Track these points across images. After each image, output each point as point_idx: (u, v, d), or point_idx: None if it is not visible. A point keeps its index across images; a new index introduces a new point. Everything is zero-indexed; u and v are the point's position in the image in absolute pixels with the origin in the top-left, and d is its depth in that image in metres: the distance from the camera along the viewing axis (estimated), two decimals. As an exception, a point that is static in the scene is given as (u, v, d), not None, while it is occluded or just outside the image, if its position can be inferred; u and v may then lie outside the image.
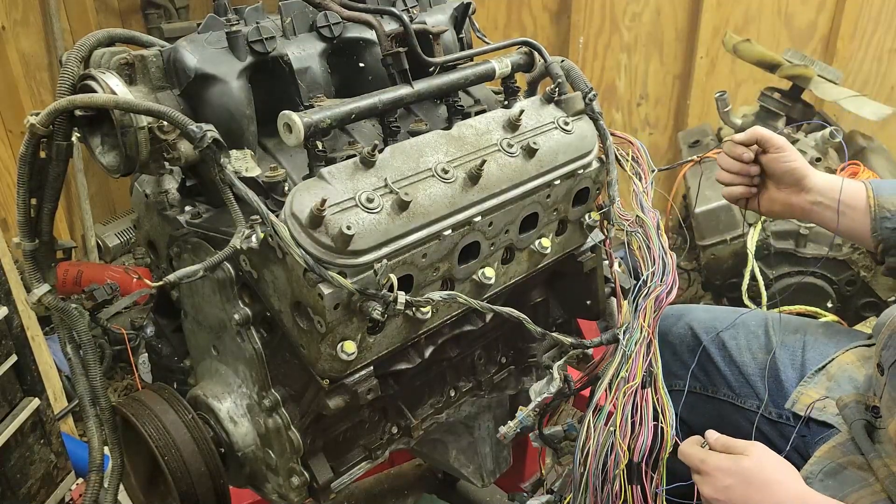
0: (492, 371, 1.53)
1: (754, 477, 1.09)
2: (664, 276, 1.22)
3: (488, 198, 1.15)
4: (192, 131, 1.00)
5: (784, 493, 1.08)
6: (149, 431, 1.10)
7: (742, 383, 1.45)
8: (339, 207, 1.01)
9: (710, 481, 1.13)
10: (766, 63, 2.69)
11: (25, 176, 1.08)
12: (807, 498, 1.07)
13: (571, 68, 1.34)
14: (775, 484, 1.09)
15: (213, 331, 1.20)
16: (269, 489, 1.26)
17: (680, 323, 1.55)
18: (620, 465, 1.10)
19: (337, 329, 1.04)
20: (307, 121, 1.02)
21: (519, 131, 1.22)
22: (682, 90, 3.47)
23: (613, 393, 1.14)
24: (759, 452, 1.12)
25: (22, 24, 3.11)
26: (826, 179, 1.41)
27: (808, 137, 2.68)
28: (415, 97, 1.15)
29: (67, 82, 1.05)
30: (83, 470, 1.92)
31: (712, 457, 1.14)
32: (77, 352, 1.19)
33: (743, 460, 1.11)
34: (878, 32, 3.27)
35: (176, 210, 1.22)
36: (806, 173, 1.41)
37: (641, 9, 3.31)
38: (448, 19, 1.33)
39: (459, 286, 1.19)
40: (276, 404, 1.17)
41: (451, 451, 1.62)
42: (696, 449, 1.16)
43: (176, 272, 1.02)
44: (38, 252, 1.14)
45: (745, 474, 1.10)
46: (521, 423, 1.30)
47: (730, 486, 1.10)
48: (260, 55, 1.12)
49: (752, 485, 1.09)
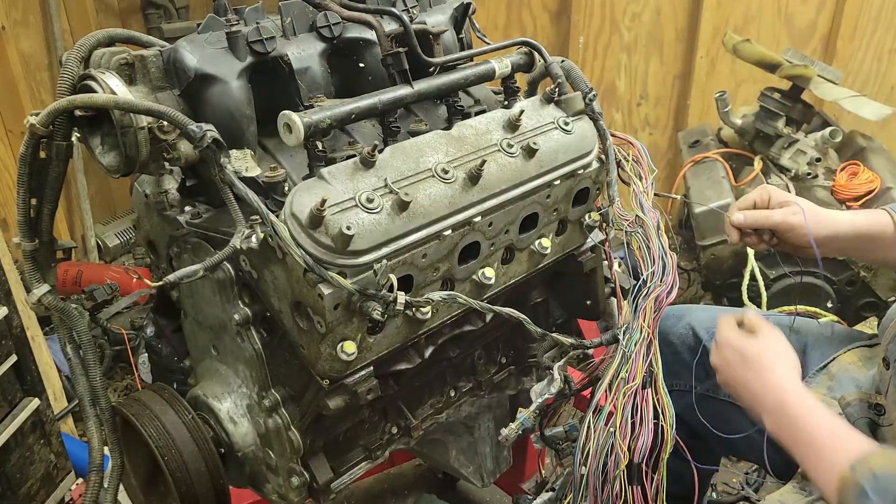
0: (492, 371, 1.53)
1: (752, 358, 1.18)
2: (664, 277, 1.22)
3: (488, 198, 1.15)
4: (192, 131, 1.00)
5: (769, 379, 1.15)
6: (149, 431, 1.10)
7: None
8: (339, 207, 1.01)
9: (717, 352, 1.24)
10: (766, 63, 2.68)
11: (25, 176, 1.08)
12: (785, 392, 1.14)
13: (571, 68, 1.33)
14: (767, 370, 1.16)
15: (213, 331, 1.20)
16: (269, 489, 1.26)
17: (681, 323, 1.55)
18: (620, 466, 1.10)
19: (337, 329, 1.04)
20: (307, 121, 1.02)
21: (519, 131, 1.22)
22: (682, 90, 3.46)
23: (613, 393, 1.14)
24: (770, 339, 1.21)
25: (22, 24, 3.11)
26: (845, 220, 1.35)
27: (808, 137, 2.68)
28: (415, 97, 1.15)
29: (67, 82, 1.05)
30: (83, 470, 1.92)
31: (727, 330, 1.24)
32: (77, 352, 1.19)
33: (750, 341, 1.20)
34: (878, 32, 3.27)
35: (176, 210, 1.22)
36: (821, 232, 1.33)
37: (641, 9, 3.31)
38: (448, 19, 1.33)
39: (459, 286, 1.19)
40: (276, 404, 1.17)
41: (451, 451, 1.62)
42: (723, 321, 1.26)
43: (176, 272, 1.02)
44: (38, 252, 1.14)
45: (745, 353, 1.19)
46: (523, 425, 1.30)
47: (730, 361, 1.21)
48: (260, 55, 1.12)
49: (748, 365, 1.18)
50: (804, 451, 1.10)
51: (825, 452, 1.07)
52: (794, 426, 1.11)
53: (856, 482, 1.00)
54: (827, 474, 1.05)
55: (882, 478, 0.99)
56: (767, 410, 1.15)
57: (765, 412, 1.15)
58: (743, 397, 1.21)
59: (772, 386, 1.15)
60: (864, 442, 1.07)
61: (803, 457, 1.10)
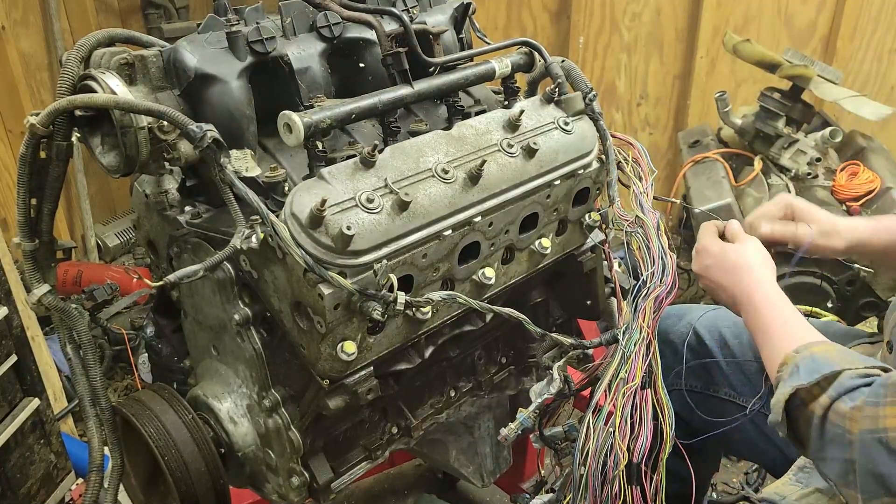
0: (492, 371, 1.53)
1: (729, 263, 1.23)
2: (664, 277, 1.22)
3: (488, 198, 1.15)
4: (192, 131, 1.00)
5: (744, 278, 1.20)
6: (149, 431, 1.10)
7: (743, 382, 1.45)
8: (339, 208, 1.01)
9: (697, 258, 1.29)
10: (766, 63, 2.68)
11: (25, 176, 1.08)
12: (756, 289, 1.18)
13: (571, 68, 1.33)
14: (743, 271, 1.21)
15: (213, 331, 1.20)
16: (269, 489, 1.26)
17: (681, 323, 1.55)
18: (620, 466, 1.10)
19: (337, 329, 1.04)
20: (307, 121, 1.02)
21: (519, 131, 1.22)
22: (682, 90, 3.46)
23: (613, 393, 1.14)
24: (748, 244, 1.25)
25: (22, 24, 3.11)
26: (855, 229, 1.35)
27: (808, 137, 2.68)
28: (415, 97, 1.15)
29: (67, 82, 1.05)
30: (83, 470, 1.92)
31: (707, 238, 1.28)
32: (77, 352, 1.19)
33: (728, 247, 1.25)
34: (878, 32, 3.27)
35: (176, 210, 1.22)
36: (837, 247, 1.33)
37: (641, 9, 3.31)
38: (448, 19, 1.33)
39: (459, 286, 1.19)
40: (276, 404, 1.17)
41: (451, 451, 1.62)
42: (703, 230, 1.31)
43: (176, 272, 1.02)
44: (38, 252, 1.14)
45: (723, 258, 1.24)
46: (522, 425, 1.30)
47: (709, 266, 1.26)
48: (260, 55, 1.12)
49: (726, 269, 1.23)
50: (762, 338, 1.16)
51: (778, 339, 1.12)
52: (757, 316, 1.17)
53: (794, 361, 1.06)
54: (776, 358, 1.09)
55: (818, 358, 1.04)
56: (741, 305, 1.21)
57: (741, 308, 1.21)
58: (721, 298, 1.26)
59: (745, 284, 1.20)
60: (815, 335, 1.11)
61: (761, 344, 1.16)
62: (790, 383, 1.04)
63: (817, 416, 1.01)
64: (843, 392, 0.99)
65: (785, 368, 1.07)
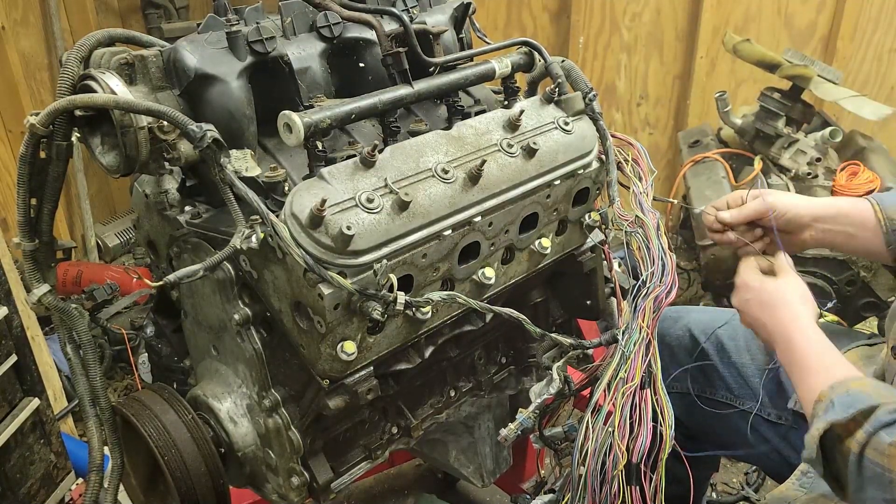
0: (492, 371, 1.53)
1: (768, 298, 1.21)
2: (663, 277, 1.22)
3: (488, 198, 1.15)
4: (192, 131, 1.00)
5: (782, 314, 1.18)
6: (149, 431, 1.10)
7: (741, 384, 1.45)
8: (339, 207, 1.01)
9: (737, 293, 1.28)
10: (766, 63, 2.68)
11: (25, 176, 1.08)
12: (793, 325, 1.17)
13: (571, 68, 1.33)
14: (781, 306, 1.19)
15: (213, 331, 1.20)
16: (269, 489, 1.26)
17: (678, 325, 1.55)
18: (619, 466, 1.10)
19: (337, 329, 1.04)
20: (307, 121, 1.02)
21: (519, 131, 1.22)
22: (682, 90, 3.46)
23: (612, 393, 1.14)
24: (788, 279, 1.24)
25: (22, 24, 3.11)
26: (824, 204, 1.36)
27: (808, 137, 2.68)
28: (415, 97, 1.15)
29: (67, 82, 1.05)
30: (83, 470, 1.92)
31: (747, 273, 1.27)
32: (77, 352, 1.19)
33: (768, 282, 1.24)
34: (878, 32, 3.27)
35: (176, 210, 1.22)
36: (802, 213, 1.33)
37: (641, 9, 3.31)
38: (448, 19, 1.33)
39: (459, 286, 1.19)
40: (276, 404, 1.17)
41: (451, 451, 1.62)
42: (744, 265, 1.29)
43: (176, 272, 1.02)
44: (38, 252, 1.14)
45: (762, 294, 1.22)
46: (522, 425, 1.30)
47: (748, 301, 1.25)
48: (260, 55, 1.12)
49: (764, 304, 1.21)
50: (797, 375, 1.14)
51: (813, 376, 1.10)
52: (793, 352, 1.15)
53: (829, 397, 1.04)
54: (811, 395, 1.08)
55: (853, 393, 1.03)
56: (776, 343, 1.19)
57: (776, 345, 1.19)
58: (760, 334, 1.25)
59: (782, 320, 1.18)
60: (851, 370, 1.09)
61: (797, 382, 1.14)
62: (825, 418, 1.02)
63: (854, 453, 0.99)
64: (880, 427, 0.97)
65: (819, 405, 1.04)
